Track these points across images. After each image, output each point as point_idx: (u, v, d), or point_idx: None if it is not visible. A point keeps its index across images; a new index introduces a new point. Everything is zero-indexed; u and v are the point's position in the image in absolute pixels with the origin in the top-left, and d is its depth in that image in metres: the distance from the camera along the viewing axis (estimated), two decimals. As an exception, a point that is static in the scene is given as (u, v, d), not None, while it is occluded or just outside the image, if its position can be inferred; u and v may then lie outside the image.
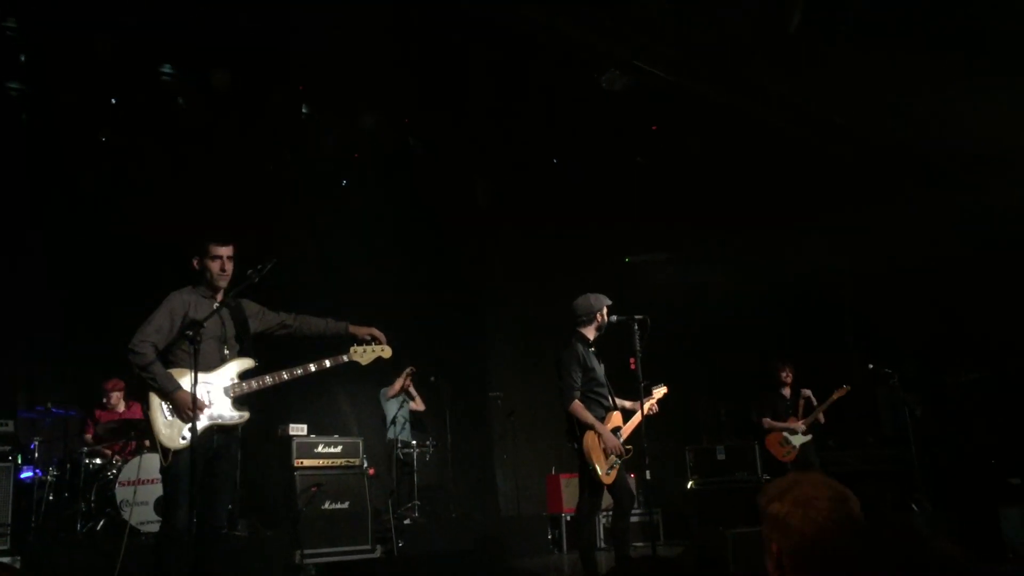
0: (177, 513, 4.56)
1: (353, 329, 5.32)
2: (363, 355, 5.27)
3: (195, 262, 4.99)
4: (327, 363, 5.15)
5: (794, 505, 1.94)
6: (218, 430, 4.84)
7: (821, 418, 9.10)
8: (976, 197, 10.22)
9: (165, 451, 4.65)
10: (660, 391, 6.41)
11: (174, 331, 4.78)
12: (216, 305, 4.90)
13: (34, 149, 8.88)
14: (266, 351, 5.25)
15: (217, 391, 4.85)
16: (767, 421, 9.31)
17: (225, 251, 4.98)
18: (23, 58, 8.26)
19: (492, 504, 11.35)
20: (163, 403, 4.70)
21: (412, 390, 10.15)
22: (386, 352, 5.35)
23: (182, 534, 4.50)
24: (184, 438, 4.62)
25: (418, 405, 10.24)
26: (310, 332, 5.36)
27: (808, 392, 9.18)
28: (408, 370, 9.98)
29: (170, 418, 4.69)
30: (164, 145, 9.39)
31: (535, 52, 8.77)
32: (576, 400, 6.01)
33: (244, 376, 4.97)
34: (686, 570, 5.31)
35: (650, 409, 6.23)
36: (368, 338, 5.30)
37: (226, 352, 4.97)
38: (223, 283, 4.96)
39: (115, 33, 8.00)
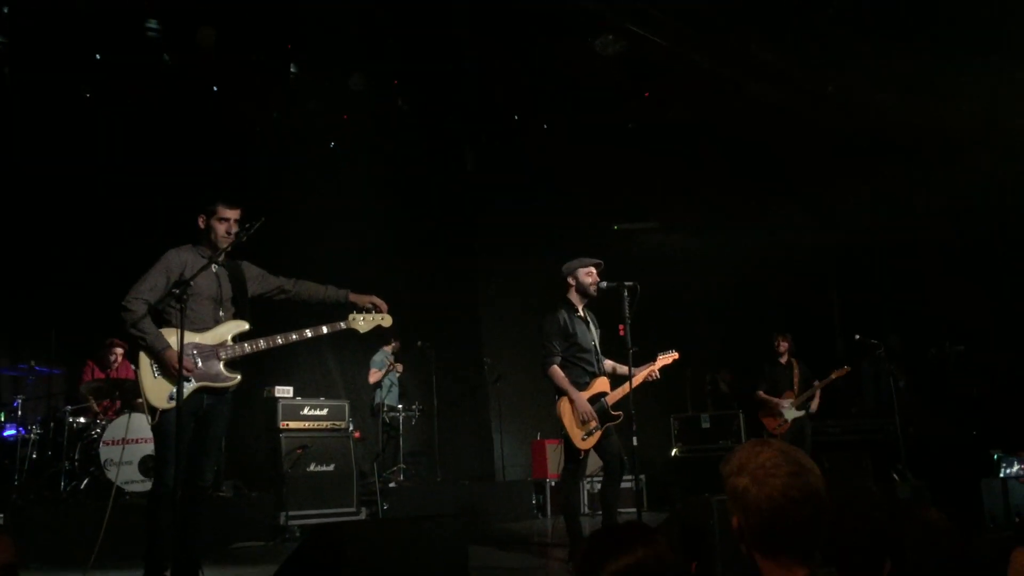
0: (167, 471, 4.55)
1: (354, 297, 5.27)
2: (362, 323, 5.23)
3: (201, 220, 4.92)
4: (324, 329, 5.12)
5: (751, 480, 1.92)
6: (208, 391, 4.80)
7: (814, 405, 9.09)
8: (961, 172, 10.22)
9: (152, 410, 4.63)
10: (670, 357, 6.39)
11: (168, 289, 4.73)
12: (212, 265, 4.85)
13: (17, 103, 8.73)
14: (261, 315, 5.20)
15: (209, 352, 4.80)
16: (760, 394, 9.35)
17: (233, 214, 4.93)
18: (6, 10, 8.12)
19: (477, 468, 11.39)
20: (152, 362, 4.66)
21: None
22: (386, 321, 5.31)
23: (173, 492, 4.48)
24: (171, 398, 4.59)
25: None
26: (309, 298, 5.32)
27: (817, 384, 9.16)
28: (393, 345, 10.04)
29: (157, 377, 4.65)
30: (149, 103, 9.26)
31: (528, 15, 8.68)
32: (554, 365, 6.01)
33: (238, 339, 4.93)
34: (671, 536, 5.34)
35: (651, 374, 6.21)
36: (369, 306, 5.24)
37: (221, 314, 4.92)
38: (226, 245, 4.89)
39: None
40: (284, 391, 8.47)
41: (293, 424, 8.22)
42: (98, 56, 8.87)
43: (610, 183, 11.30)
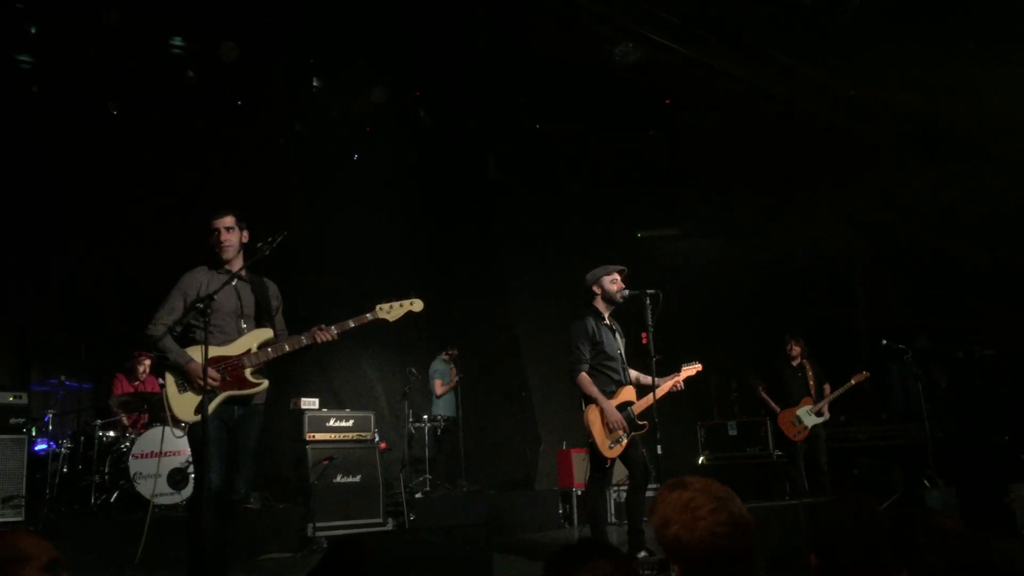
0: (206, 477, 4.57)
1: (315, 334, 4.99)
2: (390, 312, 5.11)
3: (208, 239, 5.01)
4: (351, 324, 5.03)
5: (681, 527, 1.99)
6: (237, 401, 4.85)
7: (826, 411, 9.03)
8: (988, 173, 10.12)
9: (179, 423, 4.76)
10: (693, 368, 6.37)
11: (188, 309, 4.79)
12: (234, 280, 4.91)
13: (44, 121, 8.86)
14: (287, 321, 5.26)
15: (235, 363, 4.84)
16: (760, 391, 9.33)
17: (220, 223, 4.98)
18: (33, 31, 8.25)
19: (504, 478, 11.37)
20: (177, 378, 4.74)
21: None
22: (416, 305, 5.18)
23: (214, 498, 4.53)
24: (197, 412, 4.63)
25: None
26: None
27: (828, 389, 9.11)
28: (450, 353, 10.45)
29: (184, 392, 4.72)
30: (173, 118, 9.36)
31: (548, 24, 8.70)
32: (582, 372, 6.01)
33: (263, 346, 4.95)
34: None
35: (675, 385, 6.19)
36: (393, 296, 5.14)
37: (243, 326, 4.97)
38: (227, 255, 4.96)
39: (124, 5, 7.97)
40: (310, 403, 8.52)
41: (319, 436, 8.26)
42: (121, 74, 8.99)
43: (632, 190, 11.29)
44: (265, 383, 4.94)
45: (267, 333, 4.99)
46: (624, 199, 11.37)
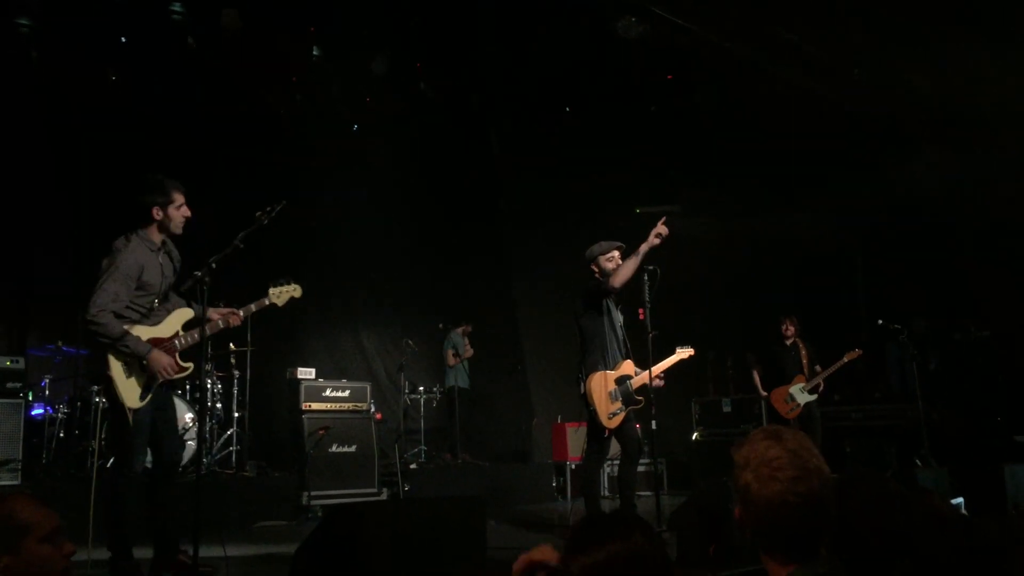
0: (135, 460, 4.63)
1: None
2: (279, 296, 5.14)
3: (156, 211, 4.78)
4: (253, 308, 5.07)
5: (754, 478, 1.92)
6: (165, 383, 4.81)
7: (822, 384, 9.08)
8: (989, 155, 10.09)
9: (126, 411, 4.60)
10: (686, 352, 6.39)
11: (129, 295, 4.66)
12: (159, 255, 4.83)
13: (44, 86, 8.80)
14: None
15: (169, 347, 4.76)
16: (756, 374, 9.38)
17: (183, 197, 4.88)
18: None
19: (498, 450, 11.43)
20: (123, 363, 4.62)
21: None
22: (296, 291, 5.20)
23: (139, 478, 4.67)
24: (142, 397, 4.64)
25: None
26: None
27: (819, 369, 9.15)
28: (464, 328, 10.60)
29: (128, 378, 4.63)
30: (173, 86, 9.30)
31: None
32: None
33: (187, 327, 4.90)
34: (688, 518, 5.35)
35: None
36: (282, 281, 5.14)
37: (169, 304, 4.92)
38: (180, 231, 4.88)
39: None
40: (307, 372, 8.54)
41: (315, 405, 8.29)
42: (123, 39, 8.92)
43: (633, 166, 11.24)
44: (191, 366, 4.89)
45: (188, 313, 4.91)
46: (625, 175, 11.32)
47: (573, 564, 1.81)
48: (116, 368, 4.58)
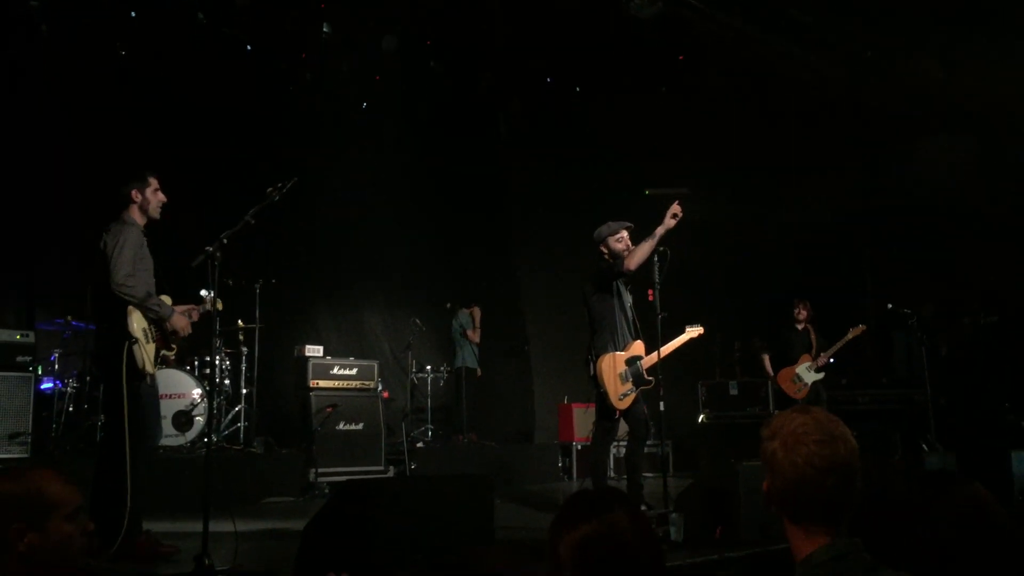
0: (153, 432, 4.89)
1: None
2: (212, 302, 5.28)
3: (135, 194, 5.02)
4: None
5: (781, 445, 1.94)
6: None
7: (822, 359, 9.03)
8: (999, 141, 10.03)
9: (144, 375, 4.81)
10: (696, 331, 6.38)
11: (141, 267, 4.90)
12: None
13: (53, 61, 8.78)
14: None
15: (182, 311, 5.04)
16: (764, 359, 9.35)
17: (158, 181, 5.09)
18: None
19: (506, 431, 11.45)
20: (142, 330, 4.81)
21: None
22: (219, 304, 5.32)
23: (153, 452, 4.92)
24: (155, 366, 4.87)
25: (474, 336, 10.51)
26: None
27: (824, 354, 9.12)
28: (472, 308, 10.52)
29: (148, 344, 4.83)
30: (183, 61, 9.27)
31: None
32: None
33: None
34: (695, 499, 5.37)
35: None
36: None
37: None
38: (158, 215, 5.07)
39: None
40: (315, 350, 8.57)
41: (323, 383, 8.32)
42: (133, 13, 8.89)
43: (642, 148, 11.20)
44: (175, 348, 5.15)
45: (168, 299, 5.07)
46: (634, 158, 11.28)
47: (560, 541, 1.83)
48: (139, 333, 4.77)
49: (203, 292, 5.29)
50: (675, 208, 5.89)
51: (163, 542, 4.76)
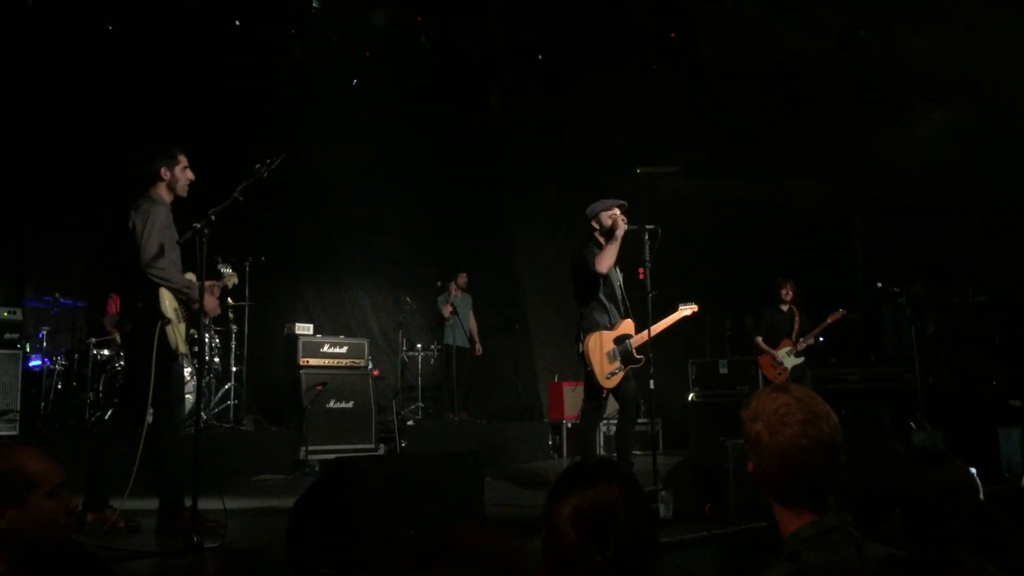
0: (180, 409, 4.92)
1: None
2: (231, 277, 5.44)
3: (164, 172, 4.94)
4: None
5: (765, 427, 1.95)
6: None
7: (801, 344, 9.00)
8: (989, 119, 10.03)
9: (177, 355, 4.83)
10: (690, 308, 6.37)
11: (169, 245, 4.84)
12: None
13: (40, 33, 8.68)
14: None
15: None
16: (759, 341, 9.34)
17: (187, 159, 5.03)
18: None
19: (496, 409, 11.47)
20: (174, 310, 4.79)
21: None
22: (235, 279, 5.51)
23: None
24: (185, 343, 4.89)
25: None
26: None
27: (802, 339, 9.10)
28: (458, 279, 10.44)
29: (179, 324, 4.82)
30: (171, 36, 9.18)
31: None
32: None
33: None
34: (685, 477, 5.38)
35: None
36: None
37: None
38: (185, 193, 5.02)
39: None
40: (304, 328, 8.55)
41: (313, 361, 8.31)
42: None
43: (634, 125, 11.16)
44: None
45: (193, 276, 5.00)
46: (626, 135, 11.25)
47: (555, 510, 1.84)
48: (172, 313, 4.75)
49: (221, 267, 5.28)
50: (621, 218, 5.93)
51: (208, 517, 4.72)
